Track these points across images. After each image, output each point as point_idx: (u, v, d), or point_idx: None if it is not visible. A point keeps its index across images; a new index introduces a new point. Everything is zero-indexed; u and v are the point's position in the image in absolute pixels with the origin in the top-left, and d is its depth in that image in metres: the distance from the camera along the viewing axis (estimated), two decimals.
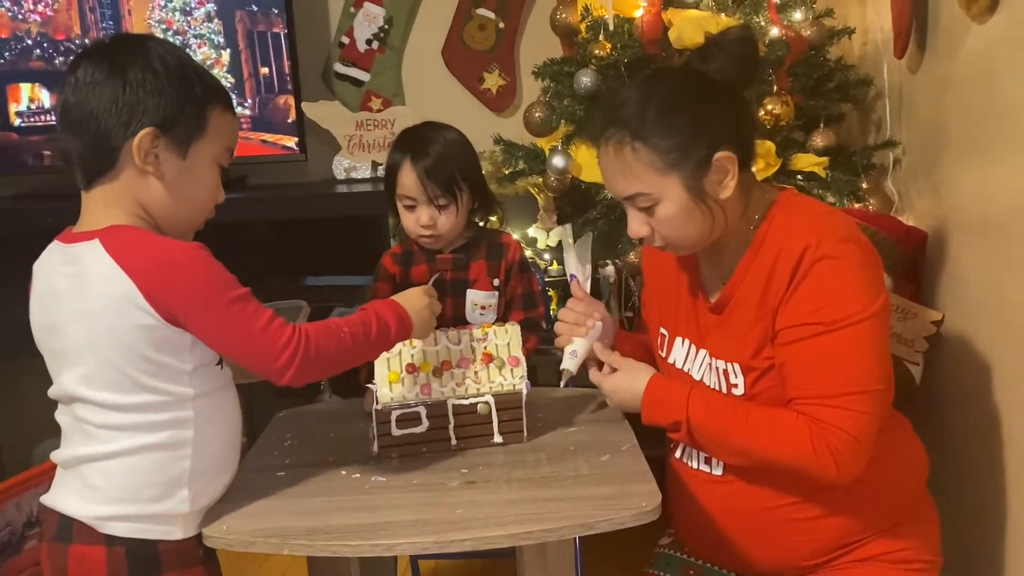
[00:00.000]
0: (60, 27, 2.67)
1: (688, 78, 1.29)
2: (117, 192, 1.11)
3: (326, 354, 1.10)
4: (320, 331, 1.11)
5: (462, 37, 2.88)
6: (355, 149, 2.81)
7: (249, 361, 1.10)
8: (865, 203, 2.03)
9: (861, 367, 1.20)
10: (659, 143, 1.21)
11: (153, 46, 1.12)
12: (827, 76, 2.16)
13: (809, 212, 1.28)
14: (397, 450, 1.29)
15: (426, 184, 1.57)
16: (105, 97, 1.07)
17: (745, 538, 1.34)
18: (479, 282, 1.66)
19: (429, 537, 1.05)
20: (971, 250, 1.66)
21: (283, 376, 1.09)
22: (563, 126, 2.24)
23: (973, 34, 1.60)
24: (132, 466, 1.10)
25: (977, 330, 1.63)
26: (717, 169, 1.23)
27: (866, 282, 1.21)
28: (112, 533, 1.09)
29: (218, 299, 1.06)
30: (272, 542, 1.07)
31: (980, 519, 1.62)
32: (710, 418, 1.26)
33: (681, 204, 1.23)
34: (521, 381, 1.33)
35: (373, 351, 1.19)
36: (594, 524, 1.08)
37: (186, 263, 1.07)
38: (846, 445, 1.18)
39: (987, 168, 1.58)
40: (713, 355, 1.33)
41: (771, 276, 1.24)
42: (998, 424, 1.54)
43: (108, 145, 1.08)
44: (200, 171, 1.14)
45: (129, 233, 1.09)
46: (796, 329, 1.21)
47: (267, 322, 1.08)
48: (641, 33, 2.08)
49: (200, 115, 1.12)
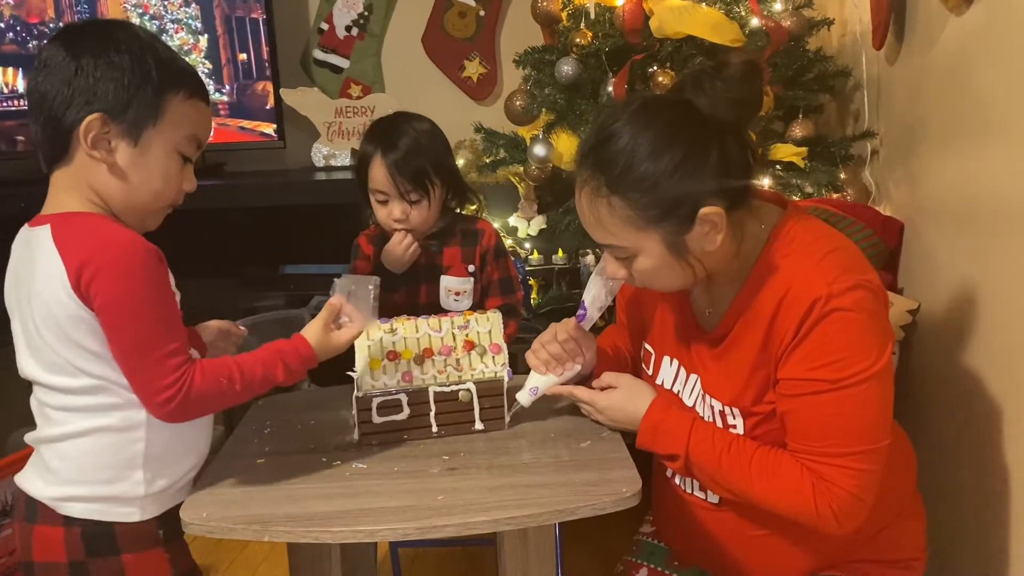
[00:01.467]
0: (34, 10, 2.63)
1: (677, 117, 1.13)
2: (72, 177, 1.10)
3: (206, 397, 1.09)
4: (209, 377, 1.09)
5: (442, 24, 2.87)
6: (334, 136, 2.80)
7: (135, 385, 1.08)
8: (843, 193, 2.04)
9: (866, 425, 1.14)
10: (639, 199, 1.11)
11: (116, 32, 1.10)
12: (806, 67, 2.18)
13: (816, 251, 1.16)
14: (378, 437, 1.29)
15: (397, 180, 1.56)
16: (57, 80, 1.06)
17: (737, 558, 1.32)
18: (453, 268, 1.66)
19: (411, 523, 1.05)
20: (947, 240, 1.68)
21: (159, 411, 1.08)
22: (544, 115, 2.24)
23: (951, 26, 1.62)
24: (85, 448, 1.11)
25: (953, 319, 1.65)
26: (702, 224, 1.12)
27: (875, 334, 1.13)
28: (68, 514, 1.11)
29: (134, 311, 1.05)
30: (253, 529, 1.06)
31: (954, 506, 1.64)
32: (711, 457, 1.21)
33: (660, 259, 1.16)
34: (503, 368, 1.33)
35: (258, 391, 1.16)
36: (575, 510, 1.08)
37: (120, 263, 1.04)
38: (848, 504, 1.14)
39: (964, 159, 1.60)
40: (708, 390, 1.27)
41: (775, 320, 1.15)
42: (972, 410, 1.56)
43: (60, 129, 1.07)
44: (155, 158, 1.11)
45: (78, 220, 1.08)
46: (800, 383, 1.14)
47: (166, 355, 1.06)
48: (622, 22, 2.08)
49: (155, 101, 1.09)
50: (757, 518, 1.26)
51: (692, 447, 1.22)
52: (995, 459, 1.50)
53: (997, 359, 1.48)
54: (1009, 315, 1.43)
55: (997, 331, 1.48)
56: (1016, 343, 1.41)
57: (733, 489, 1.21)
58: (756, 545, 1.29)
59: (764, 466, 1.18)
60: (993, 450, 1.51)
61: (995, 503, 1.51)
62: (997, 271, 1.47)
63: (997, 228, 1.46)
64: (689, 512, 1.34)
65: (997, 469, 1.50)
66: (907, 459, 1.36)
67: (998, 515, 1.51)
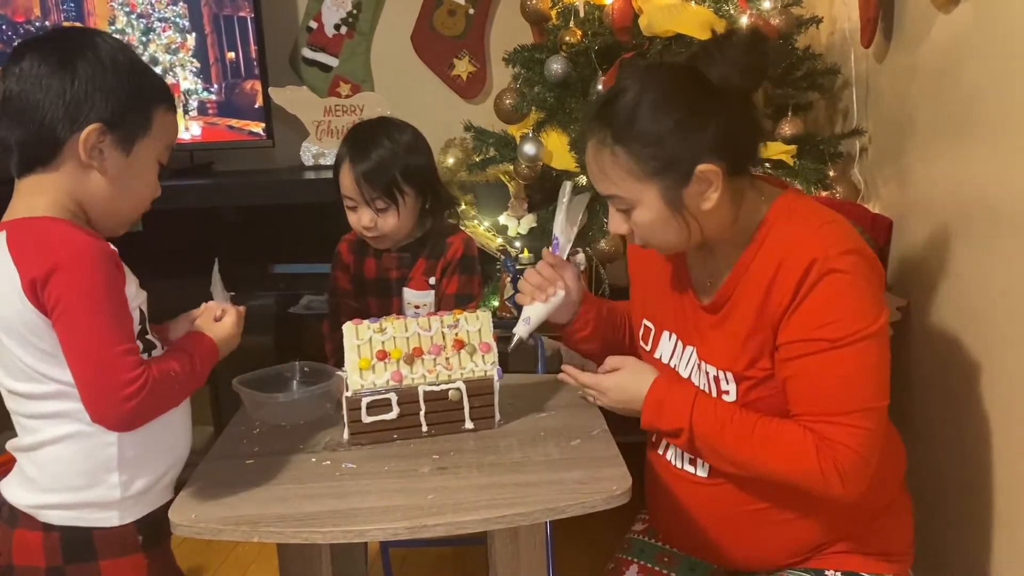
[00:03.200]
0: (20, 9, 2.61)
1: (683, 81, 1.19)
2: (49, 183, 1.09)
3: (162, 399, 1.09)
4: (163, 377, 1.08)
5: (432, 23, 2.86)
6: (323, 135, 2.79)
7: (91, 385, 1.05)
8: (832, 191, 2.05)
9: (867, 384, 1.17)
10: (639, 150, 1.16)
11: (101, 42, 1.11)
12: (795, 65, 2.18)
13: (814, 221, 1.21)
14: (368, 437, 1.28)
15: (362, 187, 1.56)
16: (53, 90, 1.06)
17: (725, 537, 1.33)
18: (414, 280, 1.65)
19: (401, 523, 1.05)
20: (936, 237, 1.69)
21: (123, 408, 1.04)
22: (534, 113, 2.24)
23: (939, 24, 1.62)
24: (57, 455, 1.11)
25: (941, 316, 1.66)
26: (699, 181, 1.17)
27: (871, 297, 1.17)
28: (47, 521, 1.11)
29: (90, 307, 1.03)
30: (242, 530, 1.06)
31: (941, 503, 1.65)
32: (714, 429, 1.22)
33: (657, 212, 1.20)
34: (492, 367, 1.33)
35: (191, 390, 1.16)
36: (565, 508, 1.08)
37: (73, 264, 1.03)
38: (852, 463, 1.15)
39: (952, 156, 1.60)
40: (703, 357, 1.29)
41: (772, 286, 1.19)
42: (959, 408, 1.57)
43: (52, 137, 1.07)
44: (141, 168, 1.14)
45: (35, 225, 1.07)
46: (800, 344, 1.17)
47: (125, 352, 1.05)
48: (611, 20, 2.08)
49: (146, 114, 1.12)
50: (746, 492, 1.27)
51: (695, 419, 1.23)
52: (984, 457, 1.51)
53: (986, 356, 1.49)
54: (998, 312, 1.44)
55: (986, 328, 1.48)
56: (1005, 340, 1.42)
57: (736, 459, 1.22)
58: (746, 522, 1.30)
59: (767, 433, 1.20)
60: (982, 448, 1.51)
61: (984, 502, 1.52)
62: (986, 268, 1.47)
63: (985, 225, 1.47)
64: (679, 489, 1.35)
65: (986, 467, 1.51)
66: (896, 453, 1.37)
67: (987, 514, 1.51)
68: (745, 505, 1.28)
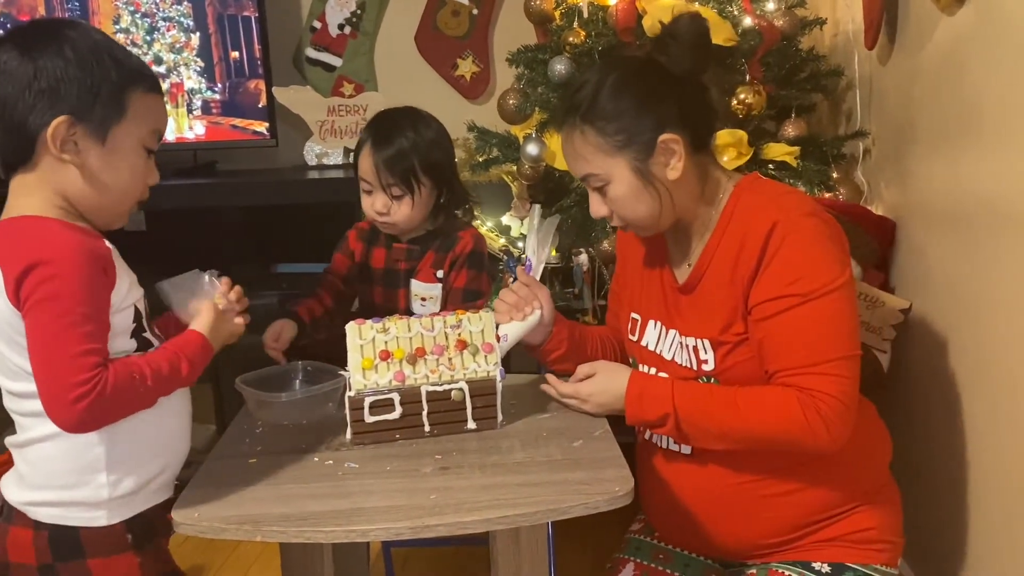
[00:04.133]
0: (24, 7, 2.62)
1: (641, 65, 1.32)
2: (34, 181, 1.09)
3: (120, 397, 1.05)
4: (122, 375, 1.05)
5: (435, 23, 2.86)
6: (327, 135, 2.79)
7: (44, 384, 1.03)
8: (835, 192, 2.05)
9: (840, 334, 1.23)
10: (605, 126, 1.26)
11: (67, 31, 1.08)
12: (799, 66, 2.18)
13: (773, 192, 1.32)
14: (370, 436, 1.28)
15: (380, 172, 1.56)
16: (18, 85, 1.05)
17: (711, 516, 1.36)
18: (422, 272, 1.65)
19: (403, 522, 1.05)
20: (939, 239, 1.69)
21: (72, 410, 1.02)
22: (537, 113, 2.23)
23: (942, 26, 1.62)
24: (46, 453, 1.11)
25: (944, 319, 1.66)
26: (663, 151, 1.26)
27: (835, 254, 1.24)
28: (37, 518, 1.12)
29: (54, 305, 1.02)
30: (245, 529, 1.06)
31: (942, 504, 1.65)
32: (698, 406, 1.27)
33: (629, 185, 1.28)
34: (495, 368, 1.33)
35: (165, 391, 1.12)
36: (568, 508, 1.08)
37: (50, 262, 1.02)
38: (835, 410, 1.20)
39: (955, 159, 1.60)
40: (683, 334, 1.34)
41: (740, 253, 1.26)
42: (962, 411, 1.57)
43: (24, 134, 1.06)
44: (123, 155, 1.11)
45: (22, 224, 1.06)
46: (772, 303, 1.23)
47: (81, 353, 1.02)
48: (615, 21, 2.08)
49: (118, 98, 1.09)
50: (730, 467, 1.31)
51: (678, 401, 1.27)
52: (984, 458, 1.51)
53: (988, 359, 1.49)
54: (1000, 315, 1.44)
55: (989, 331, 1.48)
56: (1007, 342, 1.42)
57: (725, 429, 1.26)
58: (732, 498, 1.32)
59: (748, 398, 1.26)
60: (982, 449, 1.51)
61: (981, 501, 1.52)
62: (989, 271, 1.47)
63: (989, 228, 1.47)
64: (665, 469, 1.38)
65: (985, 467, 1.51)
66: (881, 440, 1.40)
67: (984, 513, 1.51)
68: (730, 479, 1.32)
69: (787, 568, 1.32)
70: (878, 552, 1.33)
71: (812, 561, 1.32)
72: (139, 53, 2.60)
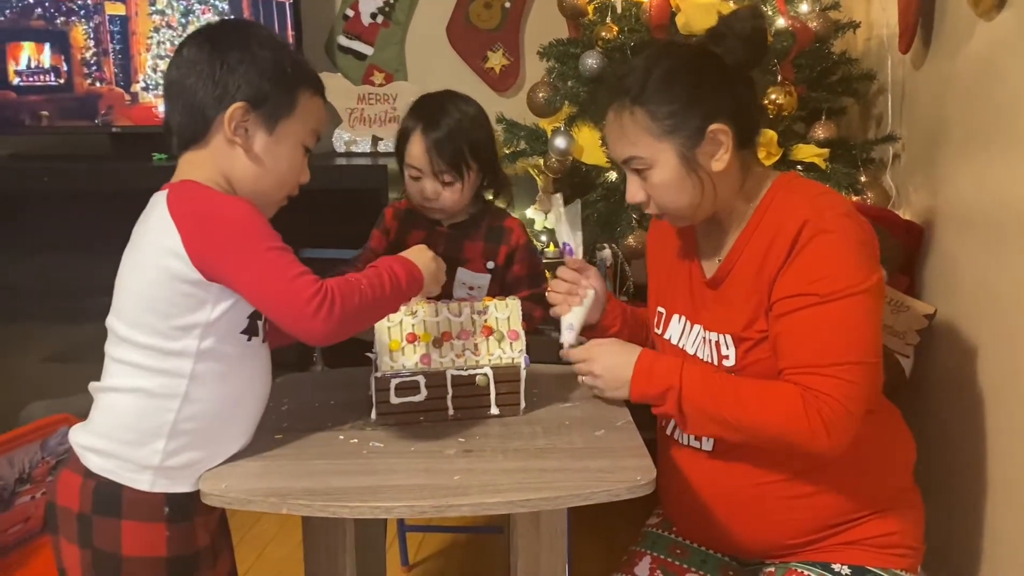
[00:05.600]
0: None
1: (695, 54, 1.32)
2: (202, 158, 1.18)
3: (352, 308, 1.11)
4: (342, 286, 1.12)
5: (468, 15, 2.87)
6: (356, 123, 2.81)
7: (279, 312, 1.11)
8: (863, 196, 2.04)
9: (855, 338, 1.21)
10: (656, 110, 1.26)
11: (254, 31, 1.21)
12: (831, 69, 2.18)
13: (810, 192, 1.31)
14: (395, 418, 1.30)
15: (433, 158, 1.56)
16: (204, 74, 1.16)
17: (732, 516, 1.35)
18: (472, 262, 1.66)
19: (427, 501, 1.07)
20: (966, 246, 1.68)
21: (314, 327, 1.09)
22: (566, 107, 2.24)
23: (979, 31, 1.61)
24: (122, 405, 1.15)
25: (969, 325, 1.65)
26: (711, 141, 1.26)
27: (863, 258, 1.23)
28: (88, 466, 1.15)
29: (252, 246, 1.10)
30: (271, 501, 1.08)
31: (965, 510, 1.65)
32: (703, 387, 1.26)
33: (673, 171, 1.27)
34: (520, 355, 1.34)
35: (391, 305, 1.20)
36: (590, 495, 1.09)
37: (226, 212, 1.12)
38: (838, 415, 1.19)
39: (987, 166, 1.59)
40: (706, 327, 1.34)
41: (769, 250, 1.26)
42: (986, 418, 1.56)
43: (203, 117, 1.16)
44: (285, 148, 1.21)
45: (191, 187, 1.15)
46: (791, 300, 1.23)
47: (298, 274, 1.10)
48: (649, 17, 2.08)
49: (290, 96, 1.19)
50: (752, 466, 1.30)
51: (685, 376, 1.27)
52: (1006, 466, 1.50)
53: (1015, 367, 1.48)
54: None
55: (1016, 339, 1.47)
56: None
57: (724, 414, 1.25)
58: (753, 498, 1.32)
59: (753, 388, 1.25)
60: (1004, 458, 1.51)
61: (1003, 511, 1.51)
62: (1018, 278, 1.46)
63: (1017, 236, 1.46)
64: (687, 466, 1.38)
65: (1007, 475, 1.50)
66: (905, 446, 1.39)
67: (1005, 523, 1.51)
68: (752, 479, 1.31)
69: (807, 568, 1.32)
70: (899, 557, 1.32)
71: (832, 562, 1.31)
72: (174, 35, 2.64)
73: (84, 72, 2.67)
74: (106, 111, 2.68)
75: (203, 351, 1.13)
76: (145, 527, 1.15)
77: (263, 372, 1.23)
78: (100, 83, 2.67)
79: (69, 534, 1.16)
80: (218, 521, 1.25)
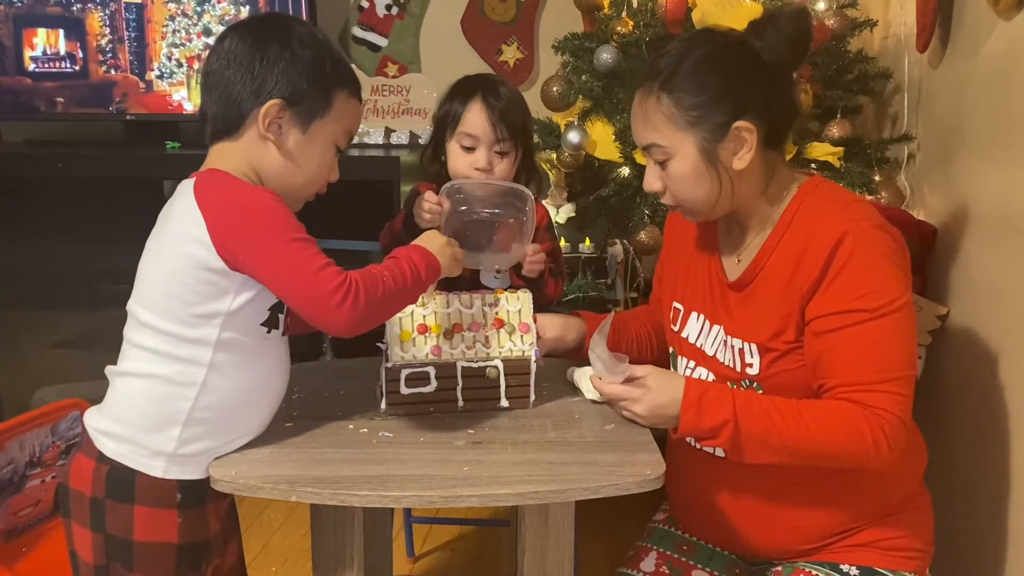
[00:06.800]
0: None
1: (732, 45, 1.27)
2: (233, 150, 1.18)
3: (376, 300, 1.12)
4: (366, 277, 1.12)
5: (482, 8, 2.87)
6: (369, 114, 2.80)
7: (303, 303, 1.11)
8: (877, 196, 2.03)
9: (904, 352, 1.21)
10: (683, 98, 1.23)
11: (296, 27, 1.20)
12: (847, 67, 2.17)
13: (840, 199, 1.28)
14: (404, 408, 1.30)
15: (496, 125, 1.53)
16: (243, 67, 1.16)
17: (742, 519, 1.34)
18: None
19: (436, 491, 1.07)
20: (980, 247, 1.67)
21: (339, 318, 1.10)
22: (580, 102, 2.24)
23: (999, 31, 1.60)
24: (139, 390, 1.15)
25: (982, 326, 1.65)
26: (734, 138, 1.23)
27: (901, 270, 1.22)
28: (102, 450, 1.16)
29: (277, 237, 1.10)
30: (280, 488, 1.08)
31: (976, 512, 1.64)
32: (760, 415, 1.20)
33: (692, 164, 1.25)
34: (530, 348, 1.34)
35: (412, 295, 1.20)
36: (599, 488, 1.09)
37: (252, 202, 1.12)
38: (897, 429, 1.18)
39: (1004, 167, 1.58)
40: (729, 332, 1.32)
41: (801, 260, 1.23)
42: (998, 420, 1.56)
43: (238, 110, 1.17)
44: (318, 147, 1.21)
45: (217, 176, 1.16)
46: (837, 317, 1.20)
47: (322, 266, 1.10)
48: (664, 12, 2.07)
49: (327, 95, 1.19)
50: (763, 473, 1.27)
51: (739, 409, 1.21)
52: (1018, 468, 1.50)
53: None
54: None
55: None
56: None
57: (788, 443, 1.20)
58: (764, 503, 1.31)
59: (816, 413, 1.21)
60: (1015, 461, 1.50)
61: (1013, 515, 1.51)
62: None
63: None
64: (698, 469, 1.36)
65: (1019, 477, 1.49)
66: (917, 449, 1.38)
67: (1018, 523, 1.50)
68: (763, 483, 1.29)
69: (815, 568, 1.31)
70: (908, 559, 1.31)
71: (841, 563, 1.30)
72: (189, 24, 2.65)
73: (99, 59, 2.67)
74: (121, 98, 2.68)
75: (223, 341, 1.13)
76: (157, 513, 1.15)
77: (281, 365, 1.24)
78: (115, 70, 2.68)
79: (81, 518, 1.17)
80: (228, 509, 1.26)
